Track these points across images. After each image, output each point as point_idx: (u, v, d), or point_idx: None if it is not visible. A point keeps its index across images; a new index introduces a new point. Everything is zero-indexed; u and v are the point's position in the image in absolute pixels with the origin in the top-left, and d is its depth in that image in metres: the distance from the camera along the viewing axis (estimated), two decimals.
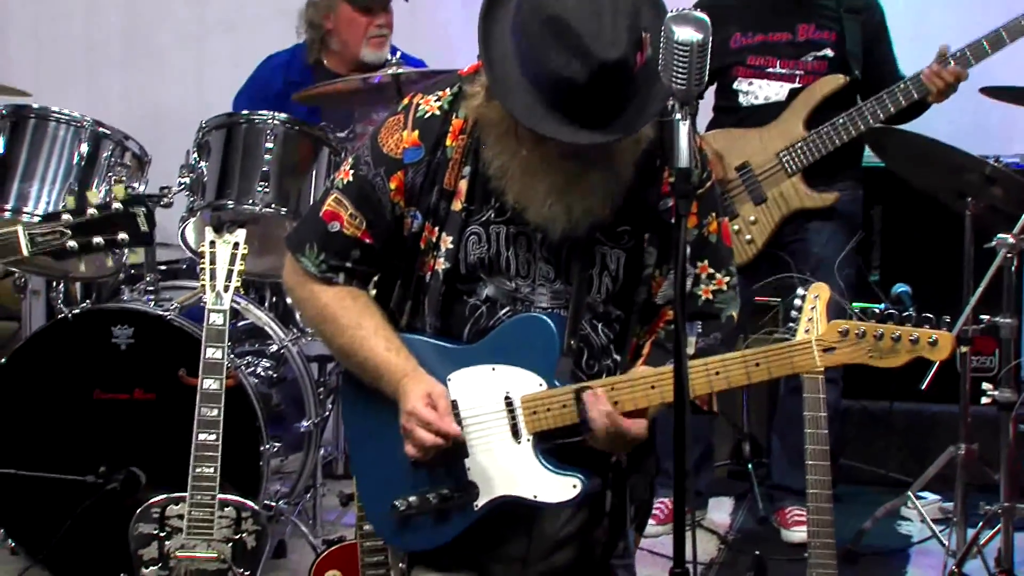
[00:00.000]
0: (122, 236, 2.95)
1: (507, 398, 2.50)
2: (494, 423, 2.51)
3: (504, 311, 2.54)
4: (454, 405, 2.52)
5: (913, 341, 2.34)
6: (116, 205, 2.95)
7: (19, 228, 2.95)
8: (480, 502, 2.52)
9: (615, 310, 2.57)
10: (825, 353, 2.38)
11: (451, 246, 2.53)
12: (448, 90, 2.57)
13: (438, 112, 2.55)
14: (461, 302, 2.56)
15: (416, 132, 2.55)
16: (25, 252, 2.94)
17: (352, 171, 2.60)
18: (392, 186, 2.55)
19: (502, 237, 2.53)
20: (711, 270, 2.59)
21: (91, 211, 2.93)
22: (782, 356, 2.40)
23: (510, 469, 2.50)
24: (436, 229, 2.54)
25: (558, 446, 2.52)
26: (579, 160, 2.40)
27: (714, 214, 2.60)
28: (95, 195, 2.99)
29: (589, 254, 2.52)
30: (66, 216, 2.93)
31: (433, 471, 2.52)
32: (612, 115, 2.33)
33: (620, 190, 2.46)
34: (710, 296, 2.59)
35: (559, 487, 2.48)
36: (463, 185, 2.53)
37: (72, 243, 2.93)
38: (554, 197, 2.42)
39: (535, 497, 2.49)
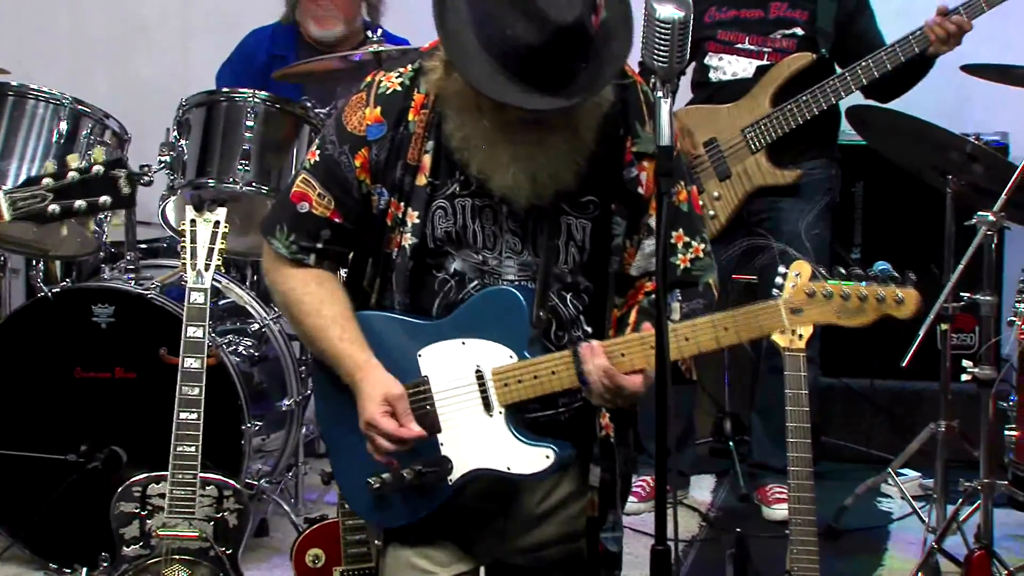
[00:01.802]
0: (104, 199, 2.93)
1: (478, 371, 2.50)
2: (466, 397, 2.51)
3: (472, 284, 2.54)
4: (424, 381, 2.52)
5: (879, 299, 2.35)
6: (97, 168, 2.93)
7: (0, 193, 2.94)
8: (454, 476, 2.52)
9: (584, 281, 2.56)
10: (793, 314, 2.38)
11: (417, 221, 2.53)
12: (409, 66, 2.57)
13: (399, 88, 2.55)
14: (430, 276, 2.56)
15: (378, 109, 2.55)
16: (6, 216, 2.92)
17: (319, 151, 2.61)
18: (357, 163, 2.55)
19: (467, 210, 2.53)
20: (687, 239, 2.58)
21: (72, 174, 2.92)
22: (750, 319, 2.40)
23: (483, 442, 2.50)
24: (402, 204, 2.54)
25: (535, 420, 2.52)
26: (541, 126, 2.40)
27: (682, 183, 2.59)
28: (75, 159, 2.97)
29: (555, 224, 2.52)
30: (47, 180, 2.92)
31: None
32: (571, 78, 2.33)
33: (584, 156, 2.45)
34: (688, 264, 2.58)
35: (532, 458, 2.48)
36: (427, 160, 2.53)
37: (54, 207, 2.91)
38: (518, 165, 2.42)
39: (508, 469, 2.49)
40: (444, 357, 2.52)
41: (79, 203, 2.92)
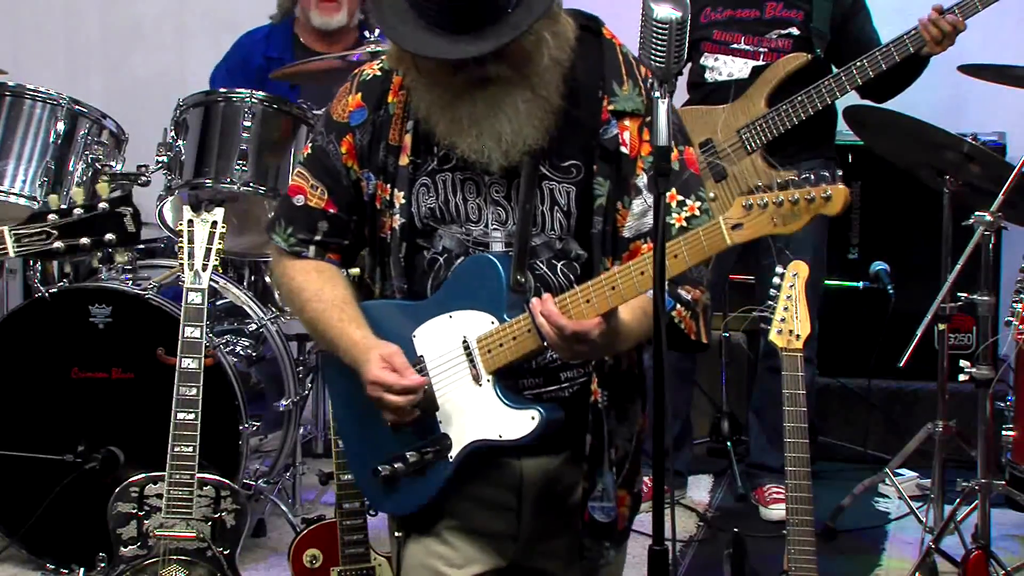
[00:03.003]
0: (109, 237, 2.97)
1: (464, 342, 2.51)
2: (457, 370, 2.52)
3: (459, 260, 2.56)
4: (420, 361, 2.54)
5: (809, 200, 2.33)
6: (103, 205, 2.95)
7: (5, 229, 2.96)
8: (453, 452, 2.52)
9: (577, 248, 2.55)
10: (734, 231, 2.36)
11: (404, 201, 2.56)
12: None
13: (379, 73, 2.61)
14: (421, 256, 2.58)
15: (359, 95, 2.61)
16: (11, 252, 2.96)
17: (310, 144, 2.67)
18: (343, 150, 2.60)
19: (449, 184, 2.55)
20: (680, 197, 2.55)
21: (77, 211, 2.94)
22: (695, 243, 2.37)
23: (476, 413, 2.50)
24: (388, 186, 2.58)
25: (537, 396, 2.52)
26: (496, 86, 2.41)
27: (672, 143, 2.52)
28: (81, 194, 3.00)
29: (531, 185, 2.51)
30: (52, 216, 2.94)
31: (409, 430, 2.54)
32: (492, 24, 2.34)
33: (549, 113, 2.45)
34: (684, 223, 2.55)
35: (519, 422, 2.48)
36: (408, 139, 2.56)
37: (58, 244, 2.94)
38: (480, 127, 2.43)
39: (500, 436, 2.49)
40: (435, 334, 2.54)
41: (84, 240, 2.95)
